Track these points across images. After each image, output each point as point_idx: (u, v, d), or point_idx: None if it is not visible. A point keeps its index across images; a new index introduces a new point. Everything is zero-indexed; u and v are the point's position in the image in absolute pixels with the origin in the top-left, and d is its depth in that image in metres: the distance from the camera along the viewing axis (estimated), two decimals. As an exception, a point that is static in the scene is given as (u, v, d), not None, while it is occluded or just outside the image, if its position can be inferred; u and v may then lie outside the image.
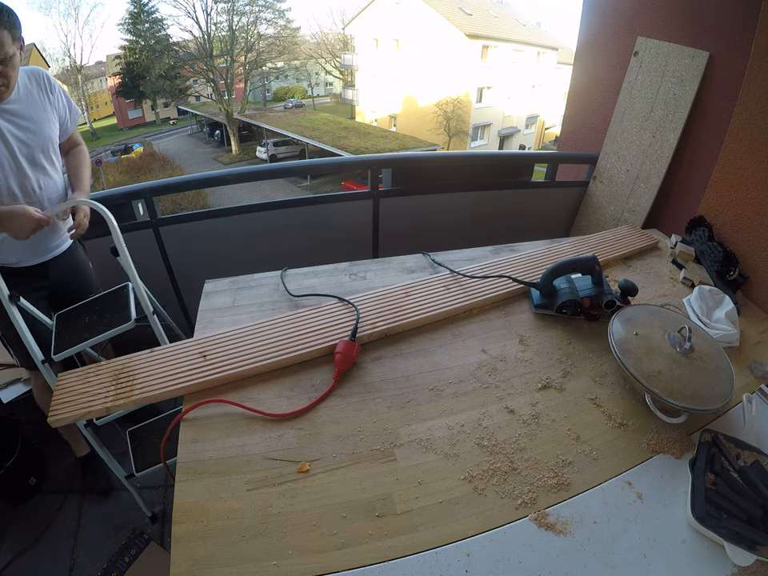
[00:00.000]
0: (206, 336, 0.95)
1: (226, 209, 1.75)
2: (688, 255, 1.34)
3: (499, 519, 0.66)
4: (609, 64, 2.05)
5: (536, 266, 1.21)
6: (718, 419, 0.85)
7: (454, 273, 1.16)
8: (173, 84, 20.74)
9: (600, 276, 1.02)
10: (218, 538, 0.62)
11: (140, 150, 18.52)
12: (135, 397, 0.81)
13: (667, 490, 0.72)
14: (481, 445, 0.76)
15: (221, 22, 19.82)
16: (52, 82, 1.19)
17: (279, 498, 0.67)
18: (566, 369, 0.93)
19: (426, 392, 0.86)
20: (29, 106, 1.13)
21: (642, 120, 1.91)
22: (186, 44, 20.46)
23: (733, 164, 1.34)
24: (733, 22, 1.56)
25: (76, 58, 21.44)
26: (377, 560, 0.61)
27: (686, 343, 0.83)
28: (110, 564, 1.23)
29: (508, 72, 19.13)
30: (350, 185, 13.46)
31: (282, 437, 0.76)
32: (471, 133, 19.36)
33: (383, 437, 0.77)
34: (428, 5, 17.66)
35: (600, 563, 0.62)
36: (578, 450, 0.76)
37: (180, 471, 0.71)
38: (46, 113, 1.17)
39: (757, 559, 0.61)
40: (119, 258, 1.18)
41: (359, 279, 1.19)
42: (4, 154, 1.09)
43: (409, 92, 19.81)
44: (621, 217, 2.06)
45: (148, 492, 1.48)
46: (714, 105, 1.68)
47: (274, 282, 1.16)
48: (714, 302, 1.13)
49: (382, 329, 0.98)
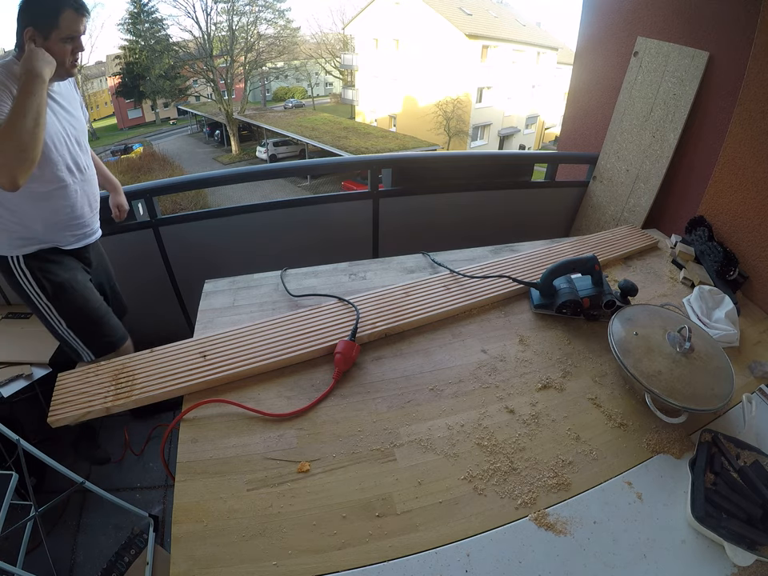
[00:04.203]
0: (206, 336, 0.95)
1: (225, 209, 1.75)
2: (688, 255, 1.34)
3: (499, 519, 0.66)
4: (609, 64, 2.05)
5: (536, 266, 1.21)
6: (718, 419, 0.85)
7: (453, 273, 1.16)
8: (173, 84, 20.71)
9: (600, 276, 1.02)
10: (218, 537, 0.62)
11: (140, 150, 18.50)
12: (135, 397, 0.81)
13: (667, 489, 0.72)
14: (481, 445, 0.76)
15: (221, 22, 19.81)
16: (75, 83, 1.29)
17: (279, 498, 0.67)
18: (565, 369, 0.93)
19: (426, 392, 0.86)
20: (68, 96, 1.22)
21: (642, 120, 1.90)
22: (186, 44, 20.44)
23: (733, 164, 1.34)
24: (733, 21, 1.56)
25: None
26: (377, 560, 0.61)
27: (685, 343, 0.83)
28: (110, 564, 1.23)
29: (508, 72, 19.11)
30: (350, 185, 13.45)
31: (281, 437, 0.76)
32: (471, 133, 19.35)
33: (383, 437, 0.77)
34: (428, 5, 17.65)
35: (600, 563, 0.62)
36: (577, 450, 0.76)
37: (180, 471, 0.71)
38: (79, 106, 1.27)
39: (757, 559, 0.61)
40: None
41: (359, 279, 1.19)
42: (60, 130, 1.15)
43: (409, 92, 19.80)
44: (621, 217, 2.06)
45: (148, 492, 1.49)
46: (714, 105, 1.68)
47: (273, 282, 1.16)
48: (714, 302, 1.13)
49: (381, 329, 0.98)
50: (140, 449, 1.61)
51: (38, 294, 1.21)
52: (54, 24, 1.04)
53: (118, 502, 1.23)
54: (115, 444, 1.62)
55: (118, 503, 1.23)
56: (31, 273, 1.19)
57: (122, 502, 1.25)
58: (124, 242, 1.67)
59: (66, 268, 1.26)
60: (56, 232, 1.21)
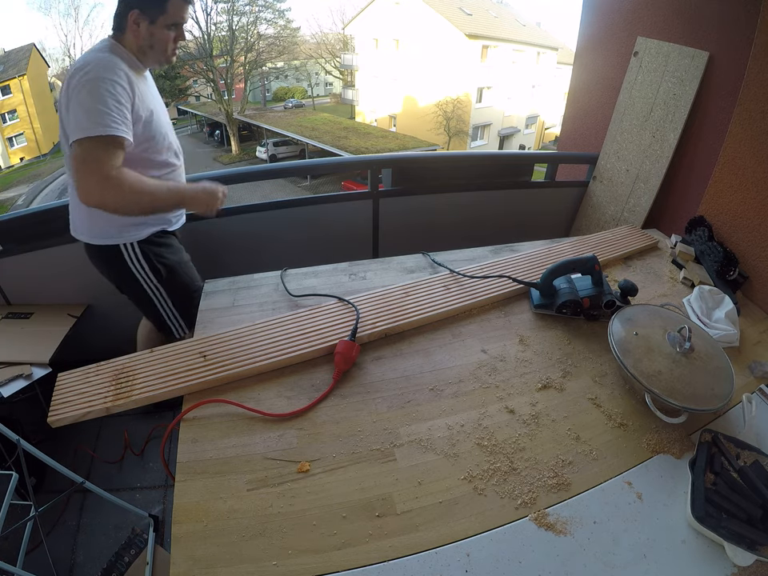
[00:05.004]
0: (206, 336, 0.95)
1: (225, 209, 1.74)
2: (688, 255, 1.34)
3: (499, 519, 0.66)
4: (609, 64, 2.05)
5: (536, 266, 1.21)
6: (718, 419, 0.85)
7: (453, 273, 1.16)
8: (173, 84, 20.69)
9: (600, 276, 1.02)
10: (218, 537, 0.62)
11: (140, 150, 18.47)
12: (135, 397, 0.81)
13: (667, 489, 0.72)
14: (481, 445, 0.76)
15: (221, 22, 19.80)
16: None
17: (279, 498, 0.67)
18: (565, 369, 0.93)
19: (426, 392, 0.86)
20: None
21: (642, 120, 1.91)
22: (186, 44, 20.42)
23: (733, 164, 1.34)
24: (733, 21, 1.56)
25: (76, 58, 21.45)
26: (377, 560, 0.61)
27: (685, 343, 0.83)
28: (110, 564, 1.23)
29: (508, 72, 19.13)
30: (350, 185, 13.45)
31: (281, 437, 0.76)
32: (471, 133, 19.36)
33: (383, 437, 0.77)
34: (428, 5, 17.66)
35: (600, 563, 0.62)
36: (577, 450, 0.76)
37: (180, 471, 0.71)
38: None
39: (757, 559, 0.61)
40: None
41: (359, 279, 1.19)
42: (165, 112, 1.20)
43: (409, 92, 19.81)
44: (621, 217, 2.06)
45: (148, 492, 1.49)
46: (714, 105, 1.68)
47: (273, 282, 1.16)
48: (714, 302, 1.13)
49: (381, 329, 0.98)
50: (140, 449, 1.61)
51: (149, 277, 1.25)
52: (163, 9, 1.04)
53: (118, 502, 1.23)
54: (115, 444, 1.62)
55: (118, 503, 1.23)
56: (145, 258, 1.23)
57: (122, 501, 1.25)
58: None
59: (174, 250, 1.31)
60: (165, 214, 1.25)
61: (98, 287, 1.75)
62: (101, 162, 0.96)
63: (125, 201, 1.02)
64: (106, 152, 0.97)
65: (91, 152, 0.96)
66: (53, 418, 0.79)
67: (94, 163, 0.96)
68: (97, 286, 1.75)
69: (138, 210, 1.07)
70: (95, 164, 0.96)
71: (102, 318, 1.79)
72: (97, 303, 1.77)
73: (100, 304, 1.77)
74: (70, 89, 0.98)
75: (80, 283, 1.71)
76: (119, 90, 0.99)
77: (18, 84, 18.05)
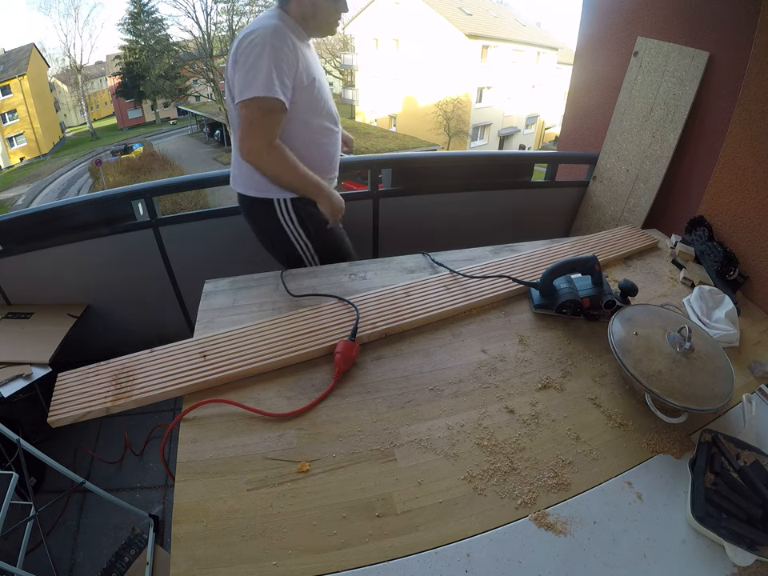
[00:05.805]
0: (206, 336, 0.95)
1: (225, 209, 1.75)
2: (688, 255, 1.34)
3: (499, 519, 0.66)
4: (609, 64, 2.05)
5: (536, 266, 1.21)
6: (718, 419, 0.85)
7: (453, 273, 1.16)
8: (173, 84, 20.73)
9: (600, 276, 1.02)
10: (218, 538, 0.62)
11: (140, 150, 18.49)
12: (135, 397, 0.81)
13: (667, 489, 0.72)
14: (481, 445, 0.76)
15: (221, 22, 19.81)
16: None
17: (279, 498, 0.67)
18: (565, 369, 0.93)
19: (426, 392, 0.86)
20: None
21: (642, 120, 1.90)
22: (186, 44, 20.45)
23: (733, 164, 1.34)
24: (733, 21, 1.56)
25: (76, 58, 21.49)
26: (377, 560, 0.61)
27: (685, 343, 0.83)
28: (110, 564, 1.23)
29: (508, 72, 19.12)
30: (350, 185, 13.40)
31: (281, 437, 0.76)
32: (471, 133, 19.36)
33: (383, 437, 0.77)
34: (428, 5, 17.65)
35: (600, 563, 0.62)
36: (577, 450, 0.76)
37: (180, 471, 0.71)
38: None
39: (757, 559, 0.61)
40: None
41: (359, 279, 1.19)
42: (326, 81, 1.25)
43: (409, 92, 19.80)
44: (621, 217, 2.06)
45: (148, 492, 1.49)
46: (714, 105, 1.68)
47: (273, 282, 1.16)
48: (714, 302, 1.13)
49: (381, 329, 0.98)
50: (140, 449, 1.61)
51: (299, 233, 1.30)
52: None
53: (118, 502, 1.23)
54: (115, 444, 1.62)
55: (118, 503, 1.23)
56: (297, 215, 1.28)
57: (121, 501, 1.25)
58: (124, 241, 1.67)
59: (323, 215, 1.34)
60: (322, 176, 1.27)
61: (98, 287, 1.76)
62: (266, 129, 1.07)
63: (278, 170, 1.15)
64: (270, 119, 1.07)
65: (258, 116, 1.06)
66: (53, 417, 0.79)
67: (261, 129, 1.07)
68: (97, 285, 1.76)
69: (282, 182, 1.19)
70: (262, 130, 1.07)
71: (101, 318, 1.79)
72: (97, 303, 1.77)
73: (100, 304, 1.78)
74: (238, 52, 1.05)
75: (80, 283, 1.71)
76: (284, 57, 1.05)
77: (18, 84, 18.09)
